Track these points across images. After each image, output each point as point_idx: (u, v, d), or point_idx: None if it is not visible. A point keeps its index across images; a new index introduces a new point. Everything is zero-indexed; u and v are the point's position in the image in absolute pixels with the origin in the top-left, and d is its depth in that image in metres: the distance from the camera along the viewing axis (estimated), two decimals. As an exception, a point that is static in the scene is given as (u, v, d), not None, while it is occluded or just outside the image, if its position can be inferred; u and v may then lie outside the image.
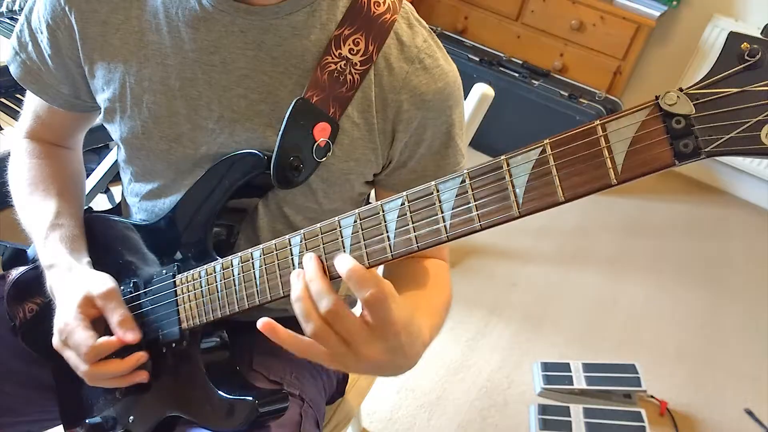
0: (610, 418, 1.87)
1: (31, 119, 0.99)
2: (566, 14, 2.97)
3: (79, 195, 0.99)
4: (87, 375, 0.81)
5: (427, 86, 0.81)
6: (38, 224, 0.91)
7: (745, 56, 0.46)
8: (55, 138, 1.01)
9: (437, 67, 0.82)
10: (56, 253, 0.88)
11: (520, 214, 0.54)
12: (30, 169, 0.96)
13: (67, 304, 0.82)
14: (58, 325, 0.82)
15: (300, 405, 0.91)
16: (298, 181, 0.81)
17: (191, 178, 0.86)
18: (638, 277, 2.55)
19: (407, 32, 0.82)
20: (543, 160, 0.52)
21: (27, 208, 0.94)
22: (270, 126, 0.81)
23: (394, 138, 0.83)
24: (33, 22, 0.89)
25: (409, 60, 0.81)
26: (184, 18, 0.80)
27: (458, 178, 0.57)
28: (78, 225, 0.93)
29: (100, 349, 0.79)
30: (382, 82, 0.81)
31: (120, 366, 0.81)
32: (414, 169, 0.86)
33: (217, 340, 0.85)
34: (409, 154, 0.85)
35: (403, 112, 0.81)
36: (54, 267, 0.87)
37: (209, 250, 0.82)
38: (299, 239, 0.68)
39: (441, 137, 0.85)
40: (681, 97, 0.47)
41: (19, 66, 0.92)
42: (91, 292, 0.82)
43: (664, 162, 0.48)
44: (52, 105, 0.95)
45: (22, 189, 0.95)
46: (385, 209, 0.61)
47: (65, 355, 0.82)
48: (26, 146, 0.99)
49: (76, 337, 0.80)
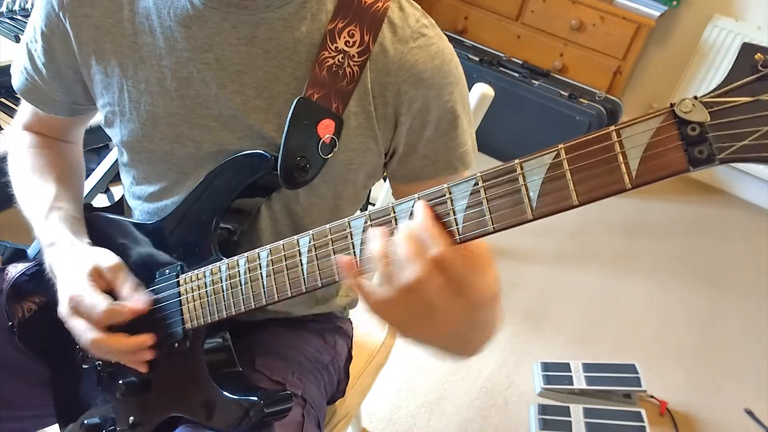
0: (610, 418, 1.87)
1: (29, 116, 1.00)
2: (566, 14, 2.97)
3: (79, 183, 1.00)
4: (94, 343, 0.80)
5: (424, 64, 0.80)
6: (37, 206, 0.91)
7: (759, 66, 0.47)
8: (54, 133, 1.02)
9: (432, 45, 0.81)
10: (57, 231, 0.88)
11: (533, 217, 0.54)
12: (28, 157, 0.97)
13: (75, 274, 0.82)
14: (66, 293, 0.82)
15: (302, 405, 0.91)
16: (305, 180, 0.80)
17: (194, 177, 0.86)
18: (638, 277, 2.56)
19: (399, 15, 0.81)
20: (557, 164, 0.53)
21: (26, 192, 0.94)
22: (268, 121, 0.81)
23: (398, 122, 0.82)
24: (29, 34, 0.90)
25: (403, 40, 0.80)
26: (175, 17, 0.80)
27: (471, 181, 0.57)
28: (78, 210, 0.94)
29: (114, 312, 0.79)
30: (378, 67, 0.80)
31: (128, 341, 0.81)
32: (425, 154, 0.85)
33: (220, 341, 0.84)
34: (416, 137, 0.84)
35: (403, 93, 0.81)
36: (55, 244, 0.87)
37: (214, 250, 0.82)
38: (308, 240, 0.68)
39: (447, 117, 0.83)
40: (696, 105, 0.48)
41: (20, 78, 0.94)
42: (99, 264, 0.82)
43: (678, 168, 0.49)
44: (50, 114, 0.96)
45: (22, 176, 0.96)
46: (396, 211, 0.61)
47: (72, 324, 0.82)
48: (25, 137, 1.00)
49: (88, 300, 0.79)
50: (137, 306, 0.80)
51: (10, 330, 0.94)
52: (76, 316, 0.81)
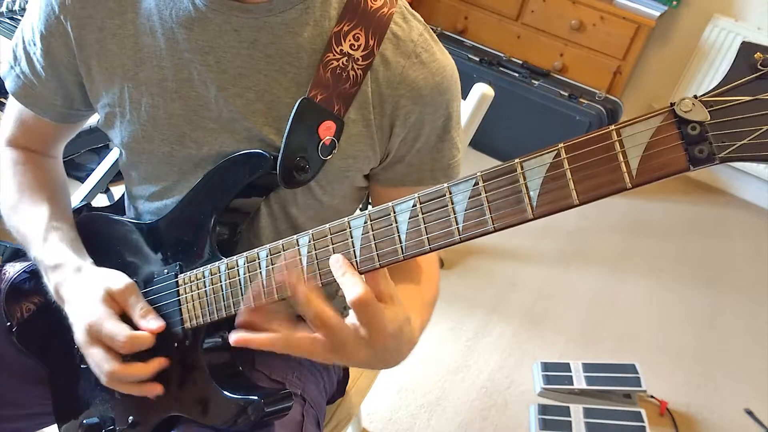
0: (610, 418, 1.87)
1: (14, 126, 0.97)
2: (566, 14, 2.97)
3: (67, 202, 0.99)
4: (112, 375, 0.79)
5: (424, 81, 0.81)
6: (34, 227, 0.90)
7: (758, 65, 0.47)
8: (38, 146, 0.99)
9: (434, 61, 0.82)
10: (60, 253, 0.87)
11: (534, 217, 0.54)
12: (15, 175, 0.95)
13: (89, 301, 0.81)
14: (82, 321, 0.81)
15: (302, 405, 0.91)
16: (304, 180, 0.80)
17: (194, 178, 0.86)
18: (638, 277, 2.56)
19: (403, 26, 0.82)
20: (557, 164, 0.53)
21: (17, 213, 0.93)
22: (267, 125, 0.81)
23: (392, 133, 0.83)
24: (26, 35, 0.89)
25: (405, 54, 0.81)
26: (177, 19, 0.80)
27: (471, 180, 0.57)
28: (73, 229, 0.93)
29: (136, 341, 0.78)
30: (379, 78, 0.80)
31: (145, 368, 0.80)
32: (410, 162, 0.86)
33: (219, 340, 0.84)
34: (406, 149, 0.85)
35: (401, 107, 0.81)
36: (60, 267, 0.86)
37: (213, 250, 0.82)
38: (308, 239, 0.68)
39: (437, 131, 0.85)
40: (696, 104, 0.48)
41: (13, 80, 0.92)
42: (111, 288, 0.82)
43: (678, 167, 0.49)
44: (43, 117, 0.94)
45: (10, 195, 0.94)
46: (397, 210, 0.61)
47: (89, 353, 0.81)
48: (8, 154, 0.97)
49: (108, 328, 0.78)
50: (155, 328, 0.80)
51: (9, 330, 0.94)
52: (96, 344, 0.80)
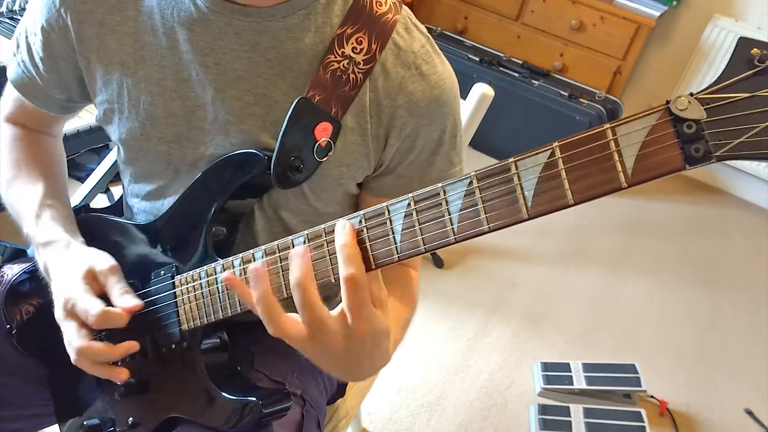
0: (610, 418, 1.87)
1: (13, 106, 0.98)
2: (566, 14, 2.97)
3: (63, 179, 1.00)
4: (79, 351, 0.79)
5: (422, 93, 0.80)
6: (27, 204, 0.91)
7: (755, 62, 0.46)
8: (38, 126, 1.00)
9: (434, 74, 0.81)
10: (52, 230, 0.88)
11: (529, 217, 0.54)
12: (11, 150, 0.96)
13: (70, 276, 0.82)
14: (61, 295, 0.81)
15: (301, 405, 0.91)
16: (298, 180, 0.80)
17: (190, 178, 0.85)
18: (638, 277, 2.56)
19: (405, 37, 0.81)
20: (552, 163, 0.52)
21: (12, 188, 0.94)
22: (264, 129, 0.81)
23: (387, 143, 0.83)
24: (28, 26, 0.89)
25: (405, 65, 0.80)
26: (179, 19, 0.80)
27: (466, 180, 0.57)
28: (67, 206, 0.94)
29: (108, 316, 0.78)
30: (377, 87, 0.80)
31: (111, 350, 0.79)
32: (401, 174, 0.86)
33: (218, 341, 0.84)
34: (399, 160, 0.84)
35: (397, 117, 0.81)
36: (51, 244, 0.86)
37: (209, 251, 0.82)
38: (302, 240, 0.67)
39: (431, 144, 0.84)
40: (692, 102, 0.47)
41: (15, 68, 0.93)
42: (94, 266, 0.82)
43: (674, 166, 0.48)
44: (41, 109, 0.95)
45: (5, 170, 0.95)
46: (391, 210, 0.61)
47: (65, 327, 0.81)
48: (7, 130, 0.99)
49: (82, 303, 0.79)
50: (130, 306, 0.79)
51: (9, 332, 0.94)
52: (70, 318, 0.80)
